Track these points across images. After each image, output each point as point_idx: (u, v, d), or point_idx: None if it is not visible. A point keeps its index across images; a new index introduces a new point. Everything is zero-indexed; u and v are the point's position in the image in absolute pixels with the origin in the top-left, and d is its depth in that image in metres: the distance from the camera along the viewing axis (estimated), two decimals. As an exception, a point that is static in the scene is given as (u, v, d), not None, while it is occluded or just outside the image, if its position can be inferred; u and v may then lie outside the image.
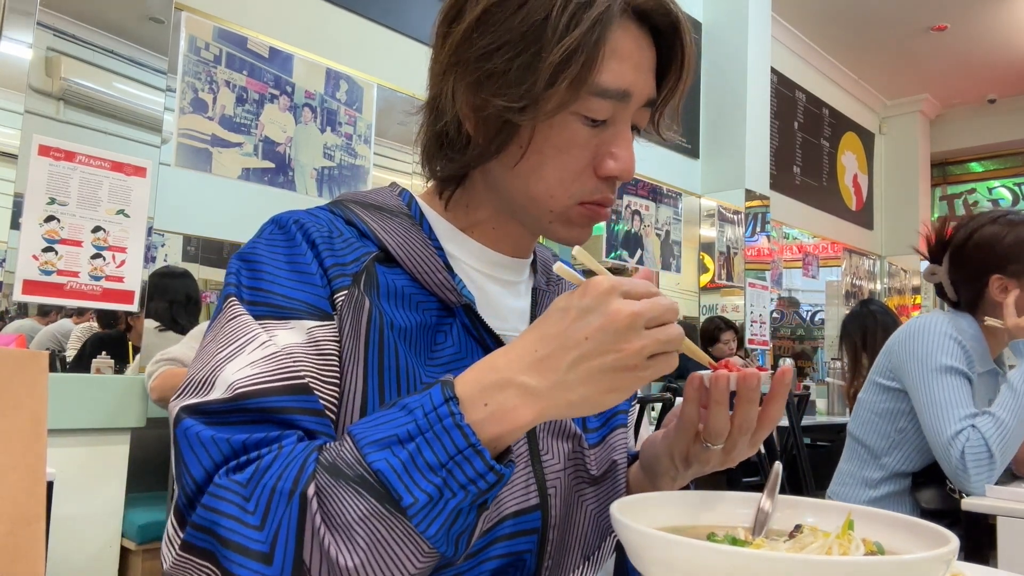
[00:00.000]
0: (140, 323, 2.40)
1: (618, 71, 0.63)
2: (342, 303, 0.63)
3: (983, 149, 8.21)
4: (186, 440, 0.55)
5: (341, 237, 0.67)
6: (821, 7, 6.15)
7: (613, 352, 0.51)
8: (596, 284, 0.52)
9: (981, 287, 1.63)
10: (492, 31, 0.63)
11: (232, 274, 0.65)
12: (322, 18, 3.27)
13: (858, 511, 0.60)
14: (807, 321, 7.03)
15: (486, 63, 0.63)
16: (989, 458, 1.46)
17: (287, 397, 0.57)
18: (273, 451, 0.54)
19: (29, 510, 0.42)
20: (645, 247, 4.71)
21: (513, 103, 0.62)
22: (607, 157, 0.66)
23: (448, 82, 0.66)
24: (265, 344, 0.59)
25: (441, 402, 0.51)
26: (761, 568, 0.44)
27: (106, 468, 2.26)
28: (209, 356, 0.60)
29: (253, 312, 0.61)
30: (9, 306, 2.12)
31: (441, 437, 0.50)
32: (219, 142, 2.83)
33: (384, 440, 0.51)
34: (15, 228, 2.11)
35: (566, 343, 0.52)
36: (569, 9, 0.61)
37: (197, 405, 0.57)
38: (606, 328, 0.51)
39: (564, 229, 0.69)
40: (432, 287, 0.68)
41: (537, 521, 0.67)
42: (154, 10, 2.46)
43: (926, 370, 1.57)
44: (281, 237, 0.66)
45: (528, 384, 0.52)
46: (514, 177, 0.67)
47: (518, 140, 0.65)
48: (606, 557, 0.74)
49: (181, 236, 3.00)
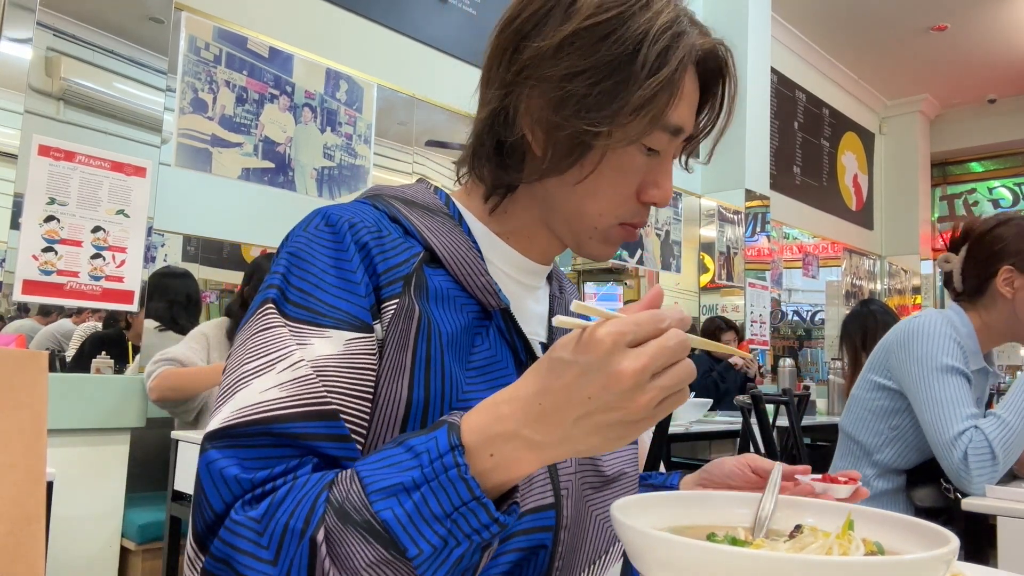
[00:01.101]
0: (140, 323, 2.40)
1: (680, 108, 0.68)
2: (392, 313, 0.64)
3: (983, 149, 8.22)
4: (208, 475, 0.57)
5: (390, 236, 0.68)
6: (821, 7, 6.15)
7: (618, 410, 0.49)
8: (598, 342, 0.49)
9: (989, 276, 1.64)
10: (578, 54, 0.65)
11: (278, 273, 0.65)
12: (322, 18, 3.27)
13: (858, 511, 0.60)
14: (807, 321, 7.03)
15: (568, 84, 0.65)
16: (992, 459, 1.46)
17: (312, 423, 0.58)
18: (288, 483, 0.55)
19: (29, 510, 0.42)
20: (645, 247, 4.71)
21: (593, 127, 0.65)
22: (651, 185, 0.70)
23: (518, 95, 0.68)
24: (295, 366, 0.59)
25: (447, 450, 0.51)
26: (761, 568, 0.44)
27: (106, 468, 2.26)
28: (239, 363, 0.61)
29: (293, 314, 0.62)
30: (9, 306, 2.12)
31: (447, 488, 0.50)
32: (219, 142, 2.83)
33: (390, 488, 0.51)
34: (15, 228, 2.12)
35: (570, 399, 0.50)
36: (657, 48, 0.65)
37: (222, 430, 0.58)
38: (610, 388, 0.48)
39: (600, 246, 0.73)
40: (473, 290, 0.70)
41: (552, 519, 0.69)
42: (154, 10, 2.46)
43: (926, 370, 1.57)
44: (329, 236, 0.66)
45: (533, 439, 0.51)
46: (571, 193, 0.70)
47: (584, 161, 0.68)
48: (613, 562, 0.76)
49: (181, 236, 3.00)
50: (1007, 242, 1.63)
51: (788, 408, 2.50)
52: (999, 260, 1.63)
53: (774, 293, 6.05)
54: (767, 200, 5.44)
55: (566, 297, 0.85)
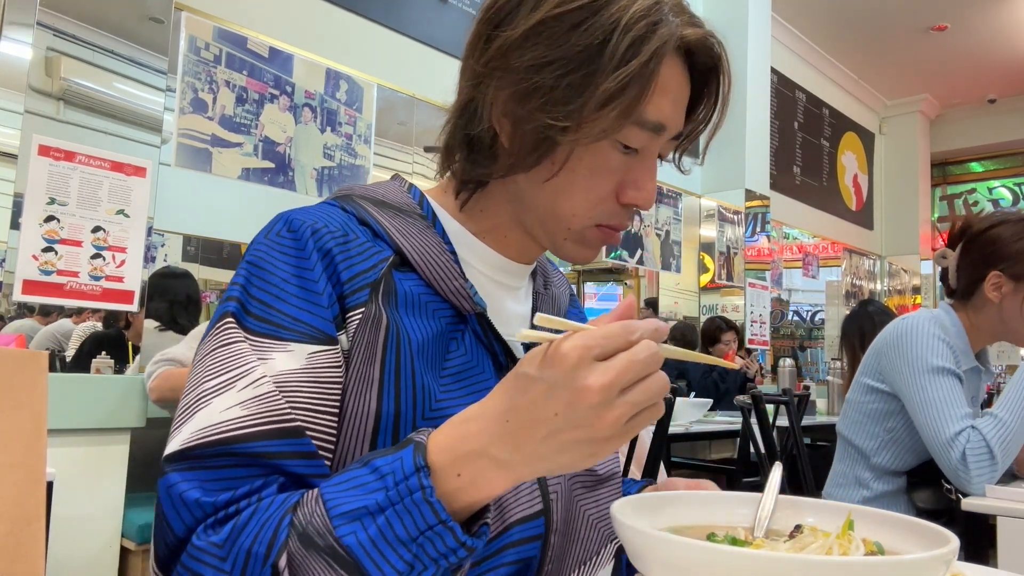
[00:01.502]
0: (140, 322, 2.39)
1: (660, 104, 0.63)
2: (358, 323, 0.62)
3: (983, 149, 8.21)
4: (169, 498, 0.55)
5: (356, 240, 0.65)
6: (821, 7, 6.14)
7: (586, 427, 0.47)
8: (563, 357, 0.47)
9: (979, 279, 1.64)
10: (545, 45, 0.62)
11: (238, 284, 0.63)
12: (322, 18, 3.27)
13: (858, 511, 0.60)
14: (807, 321, 7.03)
15: (534, 75, 0.62)
16: (990, 458, 1.46)
17: (276, 441, 0.56)
18: (252, 504, 0.54)
19: (29, 510, 0.42)
20: (645, 247, 4.71)
21: (557, 121, 0.61)
22: (631, 186, 0.66)
23: (488, 87, 0.65)
24: (257, 383, 0.57)
25: (412, 471, 0.49)
26: (761, 568, 0.44)
27: (106, 468, 2.25)
28: (198, 382, 0.59)
29: (254, 327, 0.60)
30: (9, 306, 2.12)
31: (411, 511, 0.49)
32: (219, 142, 2.83)
33: (354, 512, 0.49)
34: (15, 228, 2.11)
35: (536, 417, 0.48)
36: (628, 37, 0.60)
37: (182, 452, 0.56)
38: (576, 405, 0.46)
39: (576, 248, 0.69)
40: (447, 294, 0.67)
41: (541, 527, 0.67)
42: (154, 10, 2.46)
43: (918, 372, 1.57)
44: (290, 243, 0.64)
45: (501, 457, 0.49)
46: (541, 192, 0.67)
47: (553, 157, 0.64)
48: (604, 563, 0.74)
49: (181, 236, 3.00)
50: (999, 245, 1.62)
51: (788, 408, 2.50)
52: (990, 264, 1.62)
53: (774, 293, 6.05)
54: (767, 200, 5.44)
55: (553, 291, 0.82)
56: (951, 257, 1.72)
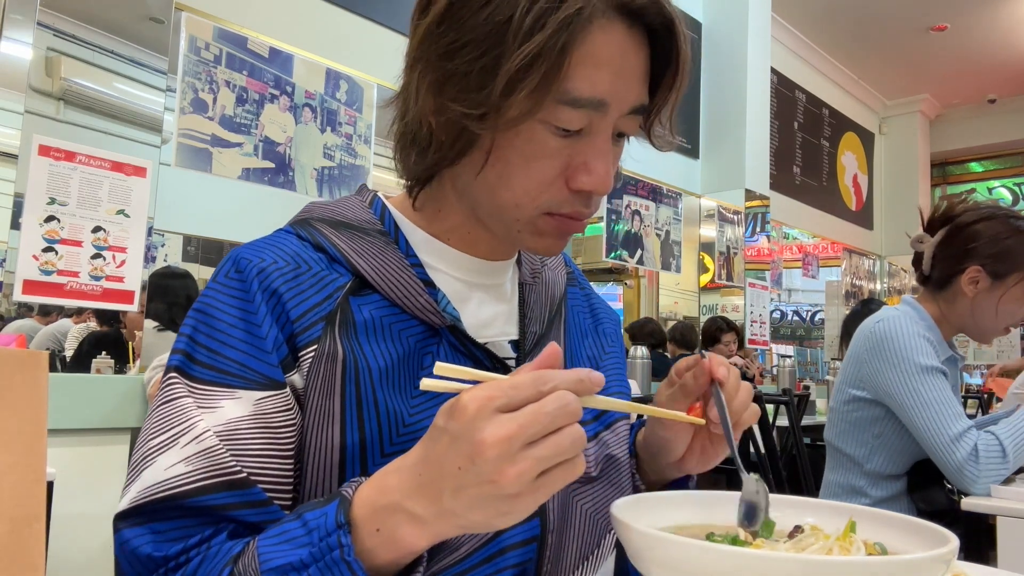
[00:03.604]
0: (137, 320, 2.39)
1: (593, 78, 0.57)
2: (311, 359, 0.61)
3: (983, 149, 8.22)
4: (123, 555, 0.56)
5: (309, 272, 0.64)
6: (821, 7, 6.15)
7: (489, 483, 0.45)
8: (462, 408, 0.45)
9: (957, 272, 1.62)
10: (456, 28, 0.58)
11: (185, 336, 0.62)
12: (322, 18, 3.27)
13: (858, 512, 0.60)
14: (807, 321, 7.03)
15: (447, 62, 0.58)
16: (1003, 458, 1.45)
17: (222, 494, 0.56)
18: (201, 553, 0.55)
19: (29, 510, 0.42)
20: (645, 247, 4.71)
21: (471, 109, 0.58)
22: (580, 170, 0.60)
23: (413, 78, 0.62)
24: (200, 438, 0.57)
25: (334, 528, 0.49)
26: (761, 568, 0.44)
27: (106, 468, 2.26)
28: (145, 439, 0.59)
29: (201, 375, 0.60)
30: (9, 306, 2.12)
31: (332, 568, 0.49)
32: (219, 142, 2.83)
33: (281, 568, 0.50)
34: (15, 228, 2.11)
35: (442, 471, 0.46)
36: (534, 11, 0.55)
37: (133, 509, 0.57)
38: (475, 458, 0.44)
39: (533, 239, 0.65)
40: (414, 311, 0.65)
41: (536, 529, 0.67)
42: (154, 10, 2.46)
43: (908, 375, 1.55)
44: (236, 287, 0.62)
45: (415, 512, 0.48)
46: (479, 184, 0.63)
47: (480, 146, 0.61)
48: (606, 556, 0.73)
49: (181, 236, 3.00)
50: (984, 241, 1.59)
51: (788, 408, 2.50)
52: (970, 258, 1.60)
53: (773, 293, 6.05)
54: (767, 200, 5.44)
55: (546, 276, 0.78)
56: (928, 243, 1.69)
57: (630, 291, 5.80)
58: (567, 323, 0.79)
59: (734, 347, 4.61)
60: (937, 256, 1.67)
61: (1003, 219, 1.61)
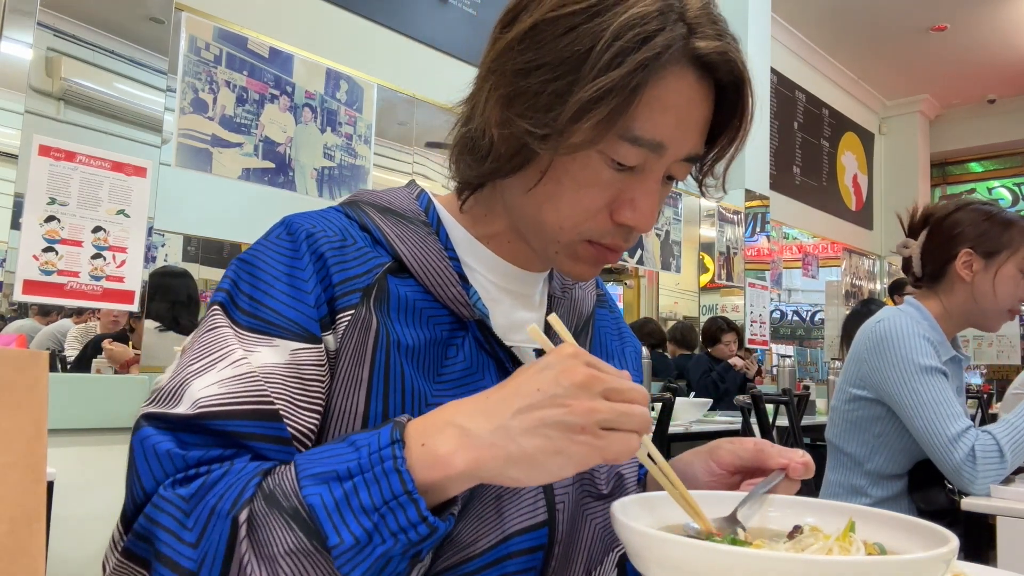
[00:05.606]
0: (139, 324, 2.39)
1: (656, 121, 0.59)
2: (347, 324, 0.62)
3: (983, 149, 8.22)
4: (142, 449, 0.55)
5: (354, 245, 0.66)
6: (821, 7, 6.15)
7: (561, 407, 0.48)
8: (563, 347, 0.51)
9: (949, 259, 1.64)
10: (536, 48, 0.60)
11: (229, 278, 0.63)
12: (322, 18, 3.27)
13: (858, 512, 0.60)
14: (807, 321, 7.03)
15: (521, 80, 0.60)
16: (1000, 458, 1.45)
17: (252, 422, 0.56)
18: (224, 467, 0.53)
19: (29, 510, 0.42)
20: (645, 247, 4.71)
21: (536, 128, 0.59)
22: (627, 205, 0.63)
23: (484, 88, 0.64)
24: (238, 363, 0.57)
25: (388, 443, 0.50)
26: (761, 568, 0.44)
27: (106, 468, 2.26)
28: (181, 367, 0.58)
29: (241, 321, 0.60)
30: (9, 306, 2.12)
31: (380, 480, 0.48)
32: (219, 142, 2.83)
33: (323, 475, 0.49)
34: (15, 228, 2.11)
35: (518, 391, 0.50)
36: (615, 47, 0.56)
37: (160, 414, 0.56)
38: (559, 380, 0.48)
39: (569, 263, 0.67)
40: (445, 300, 0.66)
41: (544, 537, 0.67)
42: (154, 10, 2.46)
43: (906, 375, 1.55)
44: (287, 245, 0.64)
45: (467, 427, 0.49)
46: (527, 200, 0.65)
47: (536, 165, 0.63)
48: (608, 571, 0.73)
49: (181, 236, 3.00)
50: (966, 226, 1.63)
51: (788, 408, 2.50)
52: (958, 243, 1.62)
53: (773, 293, 6.05)
54: (767, 200, 5.44)
55: (575, 294, 0.80)
56: (913, 246, 1.71)
57: (630, 291, 5.80)
58: (593, 343, 0.81)
59: (734, 347, 4.61)
60: (926, 254, 1.69)
61: (976, 208, 1.66)
